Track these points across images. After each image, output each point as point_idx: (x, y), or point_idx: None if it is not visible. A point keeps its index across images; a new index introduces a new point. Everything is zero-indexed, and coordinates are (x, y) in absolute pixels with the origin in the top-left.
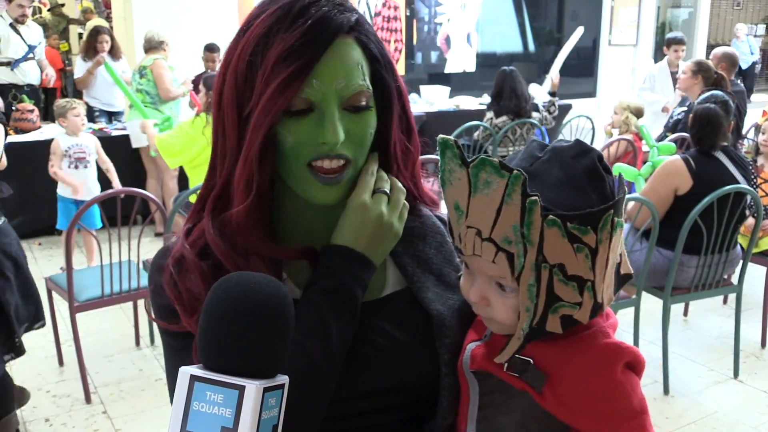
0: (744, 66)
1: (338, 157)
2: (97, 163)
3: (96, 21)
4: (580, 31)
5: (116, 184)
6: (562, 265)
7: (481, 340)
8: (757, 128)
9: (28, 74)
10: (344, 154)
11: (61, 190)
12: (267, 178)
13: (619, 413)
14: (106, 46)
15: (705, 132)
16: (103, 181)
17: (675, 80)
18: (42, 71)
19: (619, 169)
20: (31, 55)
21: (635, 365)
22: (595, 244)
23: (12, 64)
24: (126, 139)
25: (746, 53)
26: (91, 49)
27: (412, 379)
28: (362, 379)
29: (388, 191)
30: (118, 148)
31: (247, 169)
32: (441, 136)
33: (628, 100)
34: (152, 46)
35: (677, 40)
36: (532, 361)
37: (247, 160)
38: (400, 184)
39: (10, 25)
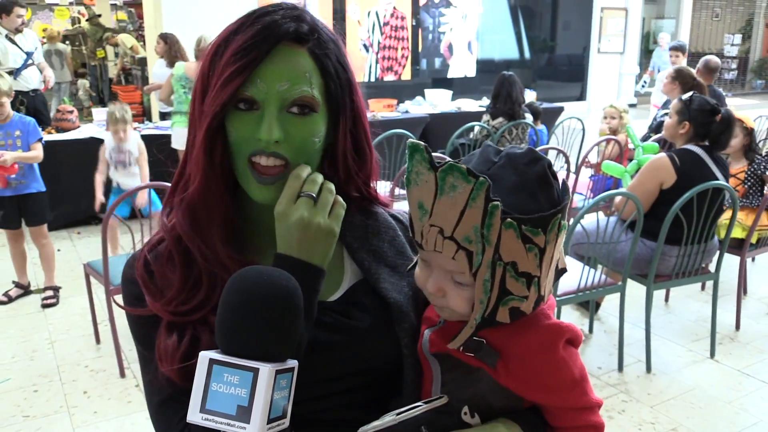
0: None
1: (274, 155)
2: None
3: (122, 37)
4: None
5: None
6: (515, 263)
7: (436, 326)
8: None
9: (31, 80)
10: (280, 153)
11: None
12: (217, 168)
13: (564, 384)
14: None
15: (729, 132)
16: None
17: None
18: (41, 73)
19: (607, 166)
20: (30, 62)
21: (574, 339)
22: (544, 244)
23: (14, 73)
24: (160, 137)
25: (666, 62)
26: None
27: (376, 362)
28: (331, 365)
29: (314, 194)
30: (149, 146)
31: (196, 155)
32: (411, 140)
33: (620, 105)
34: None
35: (674, 47)
36: (485, 341)
37: (195, 146)
38: (331, 186)
39: (6, 36)
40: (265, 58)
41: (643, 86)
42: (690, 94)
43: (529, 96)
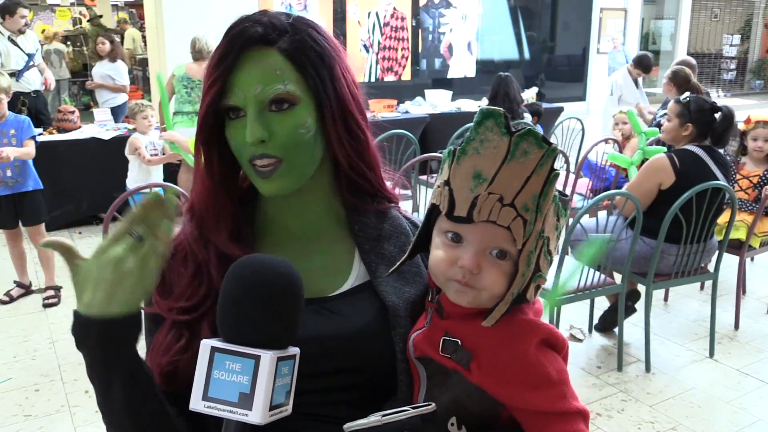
0: None
1: (265, 156)
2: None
3: (131, 31)
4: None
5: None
6: (548, 239)
7: (421, 329)
8: (742, 133)
9: (33, 81)
10: (268, 153)
11: (130, 184)
12: (216, 176)
13: (537, 383)
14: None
15: (731, 129)
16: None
17: (636, 85)
18: (41, 74)
19: (613, 156)
20: (32, 63)
21: (554, 343)
22: (561, 228)
23: (17, 75)
24: None
25: (622, 63)
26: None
27: (371, 363)
28: (326, 360)
29: (141, 235)
30: None
31: (196, 164)
32: (486, 106)
33: (630, 110)
34: (203, 56)
35: (644, 67)
36: (459, 341)
37: (196, 156)
38: (168, 236)
39: (8, 38)
40: (236, 67)
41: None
42: (686, 95)
43: (530, 93)
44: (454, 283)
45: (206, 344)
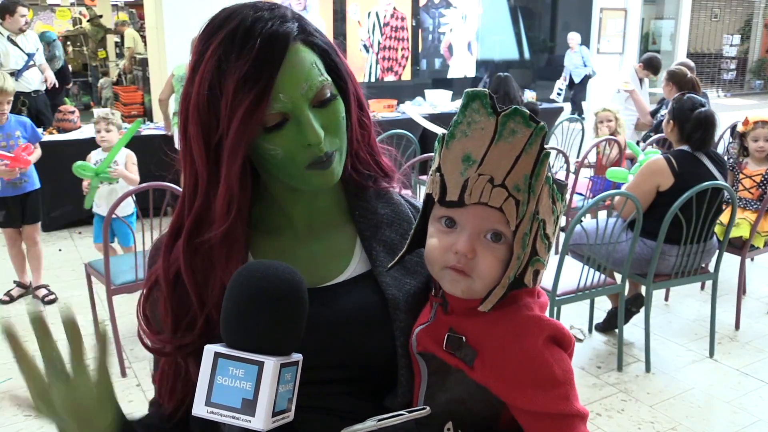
0: (576, 79)
1: (326, 155)
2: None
3: (131, 31)
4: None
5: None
6: (545, 222)
7: (425, 323)
8: (741, 134)
9: (33, 81)
10: (328, 152)
11: (95, 209)
12: (247, 197)
13: (541, 382)
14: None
15: (709, 134)
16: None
17: (641, 83)
18: (42, 74)
19: (612, 174)
20: (31, 63)
21: (561, 340)
22: (558, 213)
23: (15, 74)
24: (157, 137)
25: (579, 65)
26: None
27: (371, 357)
28: (325, 353)
29: (62, 373)
30: (151, 145)
31: (228, 192)
32: (470, 89)
33: (613, 107)
34: None
35: (653, 68)
36: (464, 338)
37: (228, 183)
38: (103, 337)
39: (7, 38)
40: (279, 72)
41: (558, 94)
42: (681, 93)
43: (530, 94)
44: (449, 271)
45: (210, 350)
